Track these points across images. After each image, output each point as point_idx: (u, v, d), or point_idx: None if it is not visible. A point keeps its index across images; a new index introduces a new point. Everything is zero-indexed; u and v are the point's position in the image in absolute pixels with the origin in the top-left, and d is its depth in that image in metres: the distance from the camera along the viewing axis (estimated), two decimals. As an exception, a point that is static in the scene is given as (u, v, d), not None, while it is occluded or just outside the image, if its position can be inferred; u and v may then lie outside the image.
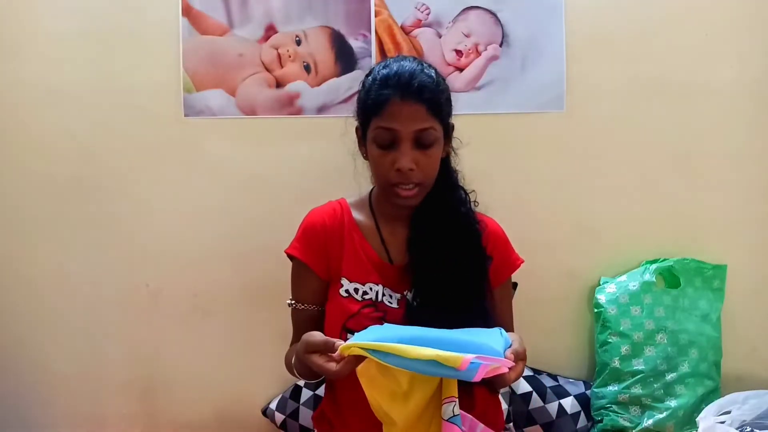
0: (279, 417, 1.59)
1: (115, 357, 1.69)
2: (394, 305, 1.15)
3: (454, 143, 1.20)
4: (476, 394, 1.15)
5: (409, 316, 1.13)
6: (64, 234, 1.68)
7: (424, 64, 1.13)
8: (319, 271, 1.18)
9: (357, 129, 1.19)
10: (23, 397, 1.70)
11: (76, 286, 1.68)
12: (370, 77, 1.14)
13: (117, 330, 1.68)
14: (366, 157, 1.19)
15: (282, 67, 1.65)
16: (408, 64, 1.11)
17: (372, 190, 1.25)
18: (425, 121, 1.07)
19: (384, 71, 1.11)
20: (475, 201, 1.22)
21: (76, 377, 1.69)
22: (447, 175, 1.18)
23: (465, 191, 1.21)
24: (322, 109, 1.65)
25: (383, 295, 1.15)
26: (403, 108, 1.06)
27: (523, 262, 1.25)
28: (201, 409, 1.69)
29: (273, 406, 1.61)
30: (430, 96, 1.08)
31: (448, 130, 1.16)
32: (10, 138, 1.68)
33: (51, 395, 1.69)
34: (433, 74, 1.11)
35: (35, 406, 1.70)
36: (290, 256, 1.21)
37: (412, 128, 1.07)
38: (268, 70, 1.65)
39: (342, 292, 1.15)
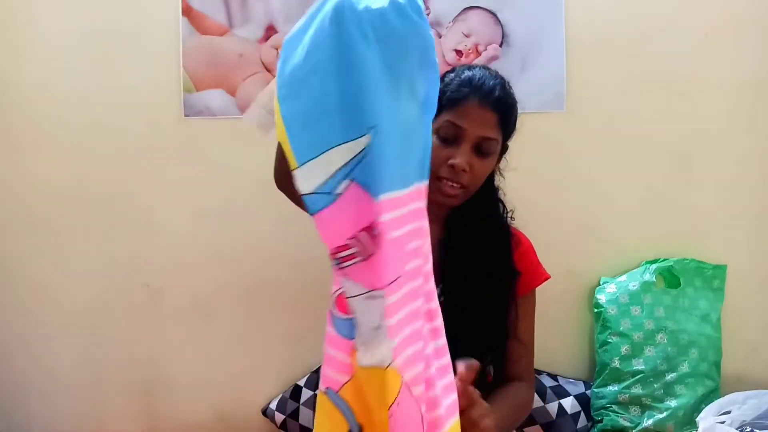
0: (279, 417, 1.60)
1: (115, 357, 1.69)
2: None
3: (501, 164, 1.23)
4: None
5: None
6: (64, 234, 1.67)
7: (506, 81, 1.15)
8: None
9: None
10: (23, 396, 1.70)
11: (76, 285, 1.68)
12: (452, 74, 1.15)
13: (117, 330, 1.68)
14: None
15: (282, 67, 1.65)
16: (492, 77, 1.13)
17: None
18: (492, 131, 1.10)
19: (468, 73, 1.12)
20: (512, 217, 1.24)
21: (76, 377, 1.69)
22: (489, 189, 1.21)
23: (504, 206, 1.24)
24: (322, 109, 1.65)
25: None
26: (477, 111, 1.09)
27: (549, 278, 1.26)
28: (201, 409, 1.69)
29: (273, 406, 1.61)
30: (504, 110, 1.11)
31: (504, 149, 1.19)
32: (10, 138, 1.67)
33: (51, 395, 1.69)
34: (512, 94, 1.15)
35: (35, 405, 1.69)
36: None
37: (479, 133, 1.09)
38: (268, 70, 1.65)
39: None
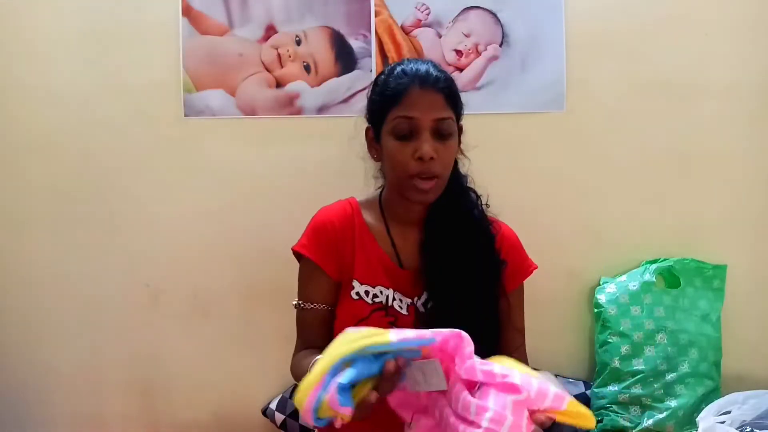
0: (279, 417, 1.59)
1: (115, 357, 1.69)
2: (404, 311, 1.14)
3: (462, 147, 1.20)
4: None
5: (419, 323, 1.12)
6: (64, 234, 1.67)
7: (435, 63, 1.16)
8: (329, 271, 1.15)
9: (368, 130, 1.18)
10: (23, 396, 1.69)
11: (76, 286, 1.68)
12: (383, 75, 1.15)
13: (117, 330, 1.68)
14: (377, 159, 1.18)
15: (282, 67, 1.65)
16: (421, 62, 1.14)
17: (381, 191, 1.24)
18: (444, 111, 1.09)
19: (400, 67, 1.13)
20: (486, 203, 1.22)
21: (76, 377, 1.69)
22: (457, 178, 1.18)
23: (476, 194, 1.21)
24: (322, 109, 1.65)
25: (393, 299, 1.14)
26: (422, 96, 1.08)
27: (536, 267, 1.24)
28: (201, 409, 1.69)
29: (273, 406, 1.61)
30: (447, 86, 1.11)
31: (460, 129, 1.17)
32: (10, 138, 1.68)
33: (51, 395, 1.69)
34: (445, 71, 1.14)
35: (35, 405, 1.70)
36: (298, 255, 1.18)
37: (432, 116, 1.08)
38: (268, 70, 1.65)
39: (353, 294, 1.14)
